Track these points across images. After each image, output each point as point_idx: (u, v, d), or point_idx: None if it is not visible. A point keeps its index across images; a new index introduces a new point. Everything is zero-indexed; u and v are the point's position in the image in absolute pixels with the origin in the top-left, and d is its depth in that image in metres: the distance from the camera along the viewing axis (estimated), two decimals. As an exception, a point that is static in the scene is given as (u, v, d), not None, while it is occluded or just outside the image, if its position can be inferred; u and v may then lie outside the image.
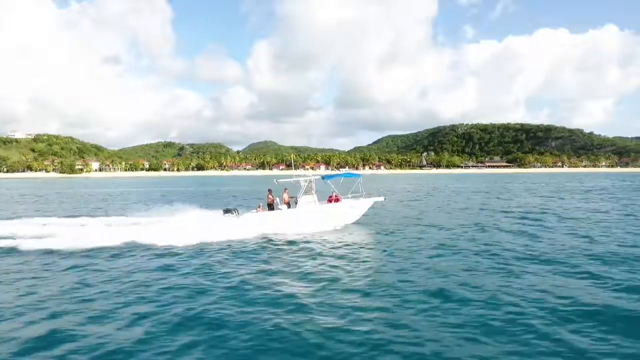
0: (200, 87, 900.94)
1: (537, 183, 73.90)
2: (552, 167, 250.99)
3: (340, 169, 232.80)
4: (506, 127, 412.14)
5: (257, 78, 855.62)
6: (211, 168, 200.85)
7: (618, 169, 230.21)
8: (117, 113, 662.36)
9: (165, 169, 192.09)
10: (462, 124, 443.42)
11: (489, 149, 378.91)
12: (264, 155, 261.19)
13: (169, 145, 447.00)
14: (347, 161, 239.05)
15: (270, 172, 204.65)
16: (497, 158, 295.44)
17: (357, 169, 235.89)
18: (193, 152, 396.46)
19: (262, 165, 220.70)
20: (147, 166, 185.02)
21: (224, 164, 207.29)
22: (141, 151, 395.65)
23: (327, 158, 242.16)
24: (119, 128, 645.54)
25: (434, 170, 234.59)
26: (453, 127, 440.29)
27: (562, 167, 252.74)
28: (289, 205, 18.45)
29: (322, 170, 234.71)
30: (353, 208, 19.30)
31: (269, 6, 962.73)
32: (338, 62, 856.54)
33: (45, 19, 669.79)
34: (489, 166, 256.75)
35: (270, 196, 18.44)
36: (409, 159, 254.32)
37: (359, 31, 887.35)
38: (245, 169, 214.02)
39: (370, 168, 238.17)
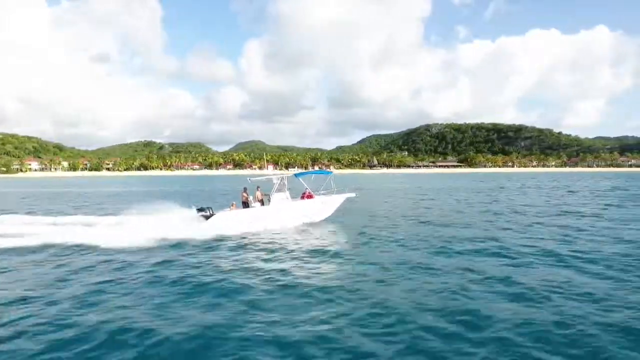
0: (192, 87, 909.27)
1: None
2: (501, 167, 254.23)
3: (289, 169, 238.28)
4: (479, 127, 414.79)
5: (250, 77, 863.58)
6: (156, 168, 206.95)
7: (566, 169, 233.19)
8: (108, 112, 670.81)
9: (108, 169, 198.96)
10: (437, 123, 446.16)
11: (460, 148, 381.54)
12: (213, 155, 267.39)
13: (148, 144, 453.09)
14: (296, 160, 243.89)
15: (216, 172, 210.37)
16: (450, 158, 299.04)
17: (306, 168, 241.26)
18: (172, 152, 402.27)
19: (210, 165, 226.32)
20: (89, 166, 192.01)
21: (170, 163, 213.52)
22: (119, 150, 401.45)
23: (277, 158, 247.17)
24: (110, 127, 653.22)
25: (383, 170, 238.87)
26: (427, 127, 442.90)
27: (513, 167, 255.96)
28: (262, 202, 18.71)
29: (270, 170, 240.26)
30: (325, 204, 19.70)
31: (260, 5, 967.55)
32: (331, 62, 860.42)
33: (37, 16, 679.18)
34: (439, 166, 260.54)
35: (244, 194, 18.75)
36: (359, 159, 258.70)
37: (352, 31, 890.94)
38: (192, 168, 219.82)
39: (319, 168, 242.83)
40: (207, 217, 17.42)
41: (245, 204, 18.67)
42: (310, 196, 19.61)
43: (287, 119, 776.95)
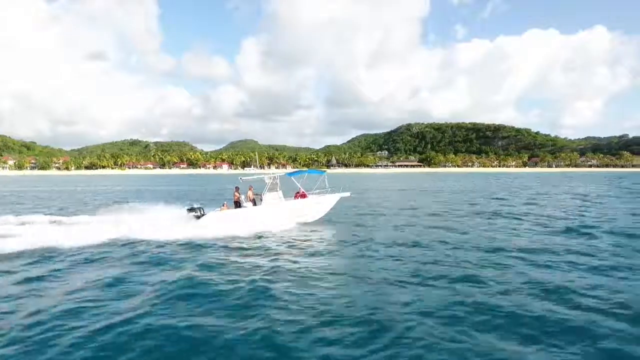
0: (188, 85, 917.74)
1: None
2: (461, 166, 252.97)
3: (245, 169, 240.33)
4: (459, 127, 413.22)
5: (246, 76, 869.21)
6: (107, 167, 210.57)
7: (526, 169, 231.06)
8: (104, 110, 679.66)
9: (58, 168, 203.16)
10: (418, 123, 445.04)
11: (439, 148, 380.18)
12: (169, 154, 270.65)
13: (134, 143, 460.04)
14: (252, 159, 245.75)
15: (169, 172, 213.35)
16: (412, 157, 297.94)
17: (262, 167, 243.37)
18: (157, 151, 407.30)
19: (164, 165, 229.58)
20: (37, 165, 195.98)
21: (120, 162, 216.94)
22: (104, 149, 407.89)
23: (232, 157, 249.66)
24: (105, 126, 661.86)
25: (341, 170, 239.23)
26: (408, 127, 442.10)
27: (472, 166, 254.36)
28: (254, 202, 18.32)
29: (225, 170, 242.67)
30: (319, 204, 19.19)
31: (257, 3, 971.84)
32: (329, 61, 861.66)
33: (34, 14, 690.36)
34: (398, 165, 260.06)
35: (236, 194, 18.35)
36: (316, 158, 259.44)
37: (350, 29, 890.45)
38: (145, 167, 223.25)
39: (276, 167, 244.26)
40: (197, 217, 17.16)
41: (237, 204, 18.21)
42: (303, 196, 19.17)
43: (283, 118, 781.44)
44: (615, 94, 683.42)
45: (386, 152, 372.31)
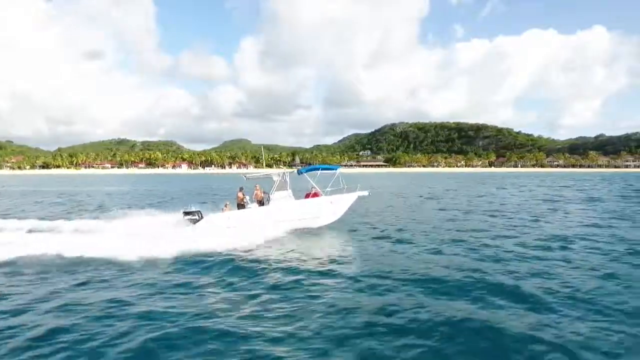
0: (186, 85, 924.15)
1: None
2: (427, 166, 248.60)
3: (206, 168, 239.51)
4: (442, 126, 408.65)
5: (245, 76, 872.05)
6: (62, 166, 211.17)
7: (491, 169, 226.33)
8: (101, 110, 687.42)
9: (11, 168, 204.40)
10: (403, 122, 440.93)
11: (422, 147, 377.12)
12: (127, 153, 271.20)
13: (121, 142, 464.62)
14: (212, 158, 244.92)
15: (125, 171, 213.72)
16: (379, 157, 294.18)
17: (223, 167, 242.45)
18: (143, 150, 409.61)
19: (122, 165, 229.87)
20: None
21: (76, 162, 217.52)
22: (91, 148, 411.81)
23: (191, 157, 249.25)
24: (101, 125, 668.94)
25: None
26: (392, 126, 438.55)
27: (438, 167, 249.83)
28: (261, 202, 16.70)
29: (185, 169, 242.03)
30: (334, 204, 17.42)
31: (255, 2, 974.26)
32: (328, 61, 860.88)
33: (32, 12, 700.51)
34: (363, 165, 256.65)
35: (240, 194, 16.66)
36: (279, 157, 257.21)
37: (349, 29, 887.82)
38: (102, 167, 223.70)
39: (238, 167, 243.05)
40: (194, 221, 15.59)
41: (241, 207, 16.48)
42: (316, 195, 17.45)
43: (283, 118, 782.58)
44: (613, 94, 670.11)
45: (369, 152, 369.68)
